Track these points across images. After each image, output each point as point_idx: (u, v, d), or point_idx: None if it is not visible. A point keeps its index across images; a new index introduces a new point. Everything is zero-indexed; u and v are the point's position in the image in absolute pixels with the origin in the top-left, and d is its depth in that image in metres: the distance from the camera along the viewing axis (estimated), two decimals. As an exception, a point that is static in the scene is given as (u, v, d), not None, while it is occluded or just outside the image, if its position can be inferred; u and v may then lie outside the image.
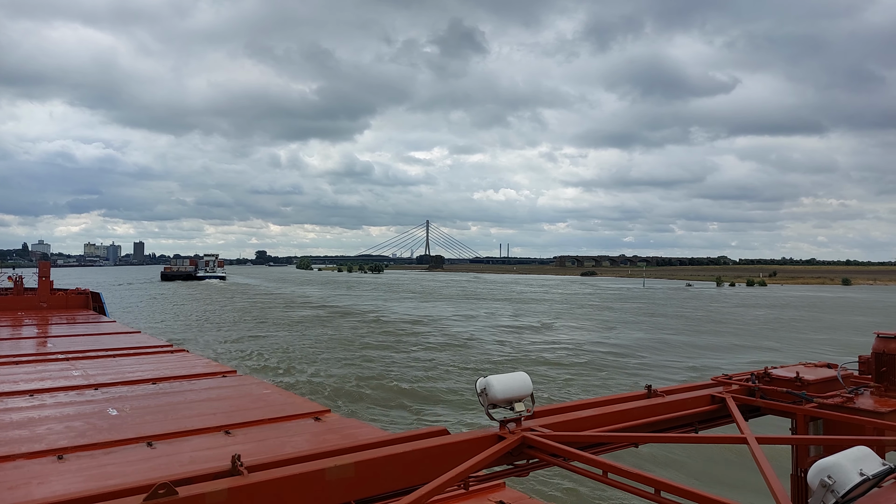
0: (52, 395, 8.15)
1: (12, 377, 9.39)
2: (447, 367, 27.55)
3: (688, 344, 37.21)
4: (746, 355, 31.60)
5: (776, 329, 46.60)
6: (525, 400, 3.46)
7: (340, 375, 25.02)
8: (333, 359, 29.32)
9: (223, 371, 10.06)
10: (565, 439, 3.33)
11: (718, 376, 4.79)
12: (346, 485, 2.88)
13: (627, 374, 26.64)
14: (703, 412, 4.28)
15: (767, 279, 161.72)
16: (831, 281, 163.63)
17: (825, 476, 2.33)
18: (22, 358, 11.31)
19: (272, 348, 32.65)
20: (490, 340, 37.16)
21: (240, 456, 2.83)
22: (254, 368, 26.49)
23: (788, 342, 38.09)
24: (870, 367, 4.46)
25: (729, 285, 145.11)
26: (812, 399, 4.19)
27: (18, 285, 25.97)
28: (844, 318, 56.24)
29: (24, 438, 6.01)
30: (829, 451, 3.02)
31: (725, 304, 76.93)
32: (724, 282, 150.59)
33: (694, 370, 27.30)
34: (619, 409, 3.98)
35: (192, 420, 6.79)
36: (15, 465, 5.25)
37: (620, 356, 31.56)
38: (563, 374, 26.09)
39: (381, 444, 3.20)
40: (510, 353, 32.20)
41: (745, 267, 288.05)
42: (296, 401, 7.96)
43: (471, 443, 3.28)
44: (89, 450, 5.69)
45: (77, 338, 14.74)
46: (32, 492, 4.59)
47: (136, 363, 10.79)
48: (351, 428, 6.54)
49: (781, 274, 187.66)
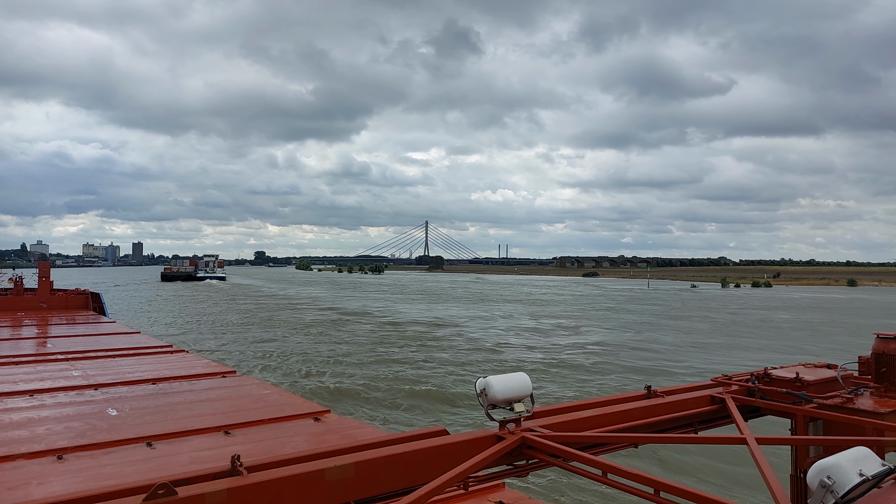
0: (52, 395, 8.15)
1: (12, 377, 9.40)
2: (484, 374, 25.82)
3: (728, 347, 35.80)
4: (800, 358, 29.58)
5: (813, 333, 44.55)
6: (525, 400, 3.47)
7: (372, 383, 23.38)
8: (359, 363, 27.91)
9: (223, 371, 10.07)
10: (565, 440, 3.33)
11: (718, 376, 4.80)
12: (345, 485, 2.88)
13: (683, 380, 25.12)
14: (702, 412, 4.28)
15: (772, 280, 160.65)
16: (836, 282, 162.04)
17: (825, 476, 2.33)
18: (22, 358, 11.31)
19: (291, 353, 31.09)
20: (517, 345, 35.59)
21: (239, 456, 2.83)
22: (282, 373, 25.42)
23: (831, 346, 35.16)
24: (869, 368, 4.46)
25: (734, 286, 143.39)
26: (812, 399, 4.19)
27: (18, 286, 25.99)
28: (875, 322, 53.27)
29: (24, 438, 6.02)
30: (829, 451, 3.02)
31: (744, 307, 74.08)
32: (728, 283, 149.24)
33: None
34: (618, 409, 3.98)
35: (191, 420, 6.79)
36: (15, 465, 5.25)
37: (664, 360, 30.22)
38: (612, 381, 24.64)
39: (380, 445, 3.21)
40: (543, 358, 30.33)
41: (745, 268, 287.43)
42: (295, 401, 7.96)
43: (470, 443, 3.28)
44: (89, 450, 5.69)
45: (77, 338, 14.75)
46: (32, 492, 4.59)
47: (136, 363, 10.79)
48: (351, 428, 6.55)
49: (784, 275, 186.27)
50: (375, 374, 25.20)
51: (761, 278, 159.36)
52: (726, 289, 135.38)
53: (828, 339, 41.76)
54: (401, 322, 48.47)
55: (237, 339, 37.29)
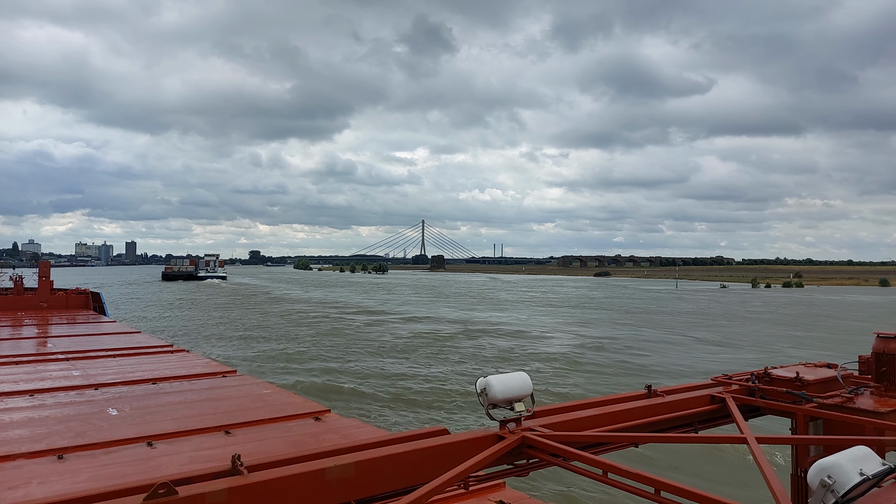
0: (52, 395, 8.16)
1: (12, 377, 9.40)
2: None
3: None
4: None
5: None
6: (525, 400, 3.47)
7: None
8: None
9: (223, 371, 10.07)
10: (565, 439, 3.33)
11: (718, 376, 4.80)
12: (346, 485, 2.88)
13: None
14: (703, 412, 4.28)
15: (799, 280, 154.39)
16: (865, 282, 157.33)
17: (825, 476, 2.33)
18: (22, 358, 11.32)
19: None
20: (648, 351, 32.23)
21: (240, 456, 2.84)
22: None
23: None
24: (870, 367, 4.46)
25: (765, 287, 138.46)
26: (812, 399, 4.19)
27: (18, 285, 26.00)
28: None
29: (24, 438, 6.02)
30: (829, 450, 3.03)
31: (835, 313, 64.83)
32: (759, 283, 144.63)
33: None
34: (619, 409, 3.98)
35: (192, 420, 6.80)
36: (15, 465, 5.26)
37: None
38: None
39: (381, 444, 3.21)
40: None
41: (750, 267, 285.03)
42: (296, 401, 7.96)
43: (471, 443, 3.29)
44: (89, 450, 5.70)
45: (77, 338, 14.75)
46: (33, 491, 4.60)
47: (137, 363, 10.80)
48: (351, 428, 6.55)
49: (807, 275, 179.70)
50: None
51: (788, 278, 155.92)
52: (756, 289, 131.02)
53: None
54: (486, 331, 40.65)
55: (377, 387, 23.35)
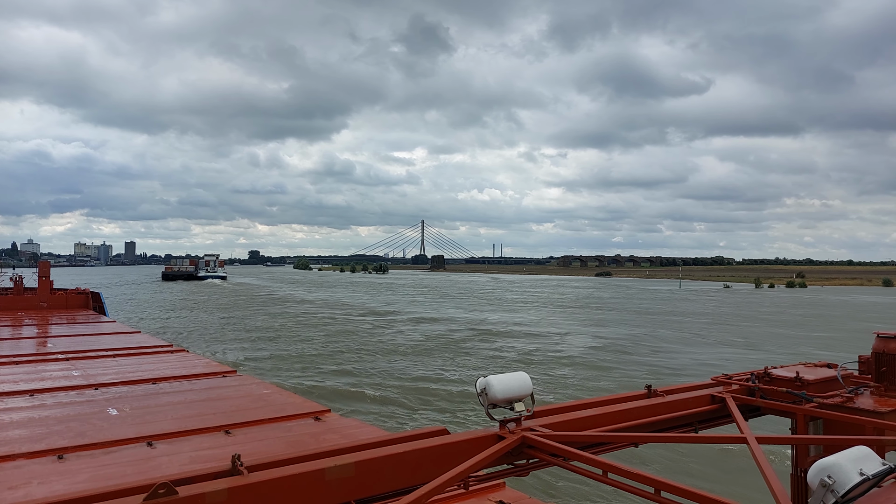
0: (52, 395, 8.16)
1: (12, 377, 9.40)
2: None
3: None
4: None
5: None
6: (525, 400, 3.47)
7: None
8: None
9: (223, 371, 10.07)
10: (565, 439, 3.33)
11: (718, 376, 4.80)
12: (346, 485, 2.88)
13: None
14: (703, 412, 4.28)
15: (800, 280, 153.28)
16: (868, 282, 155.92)
17: (825, 476, 2.33)
18: (22, 358, 11.32)
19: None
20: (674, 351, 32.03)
21: (240, 456, 2.84)
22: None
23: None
24: (870, 367, 4.46)
25: (768, 287, 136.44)
26: (812, 399, 4.19)
27: (19, 285, 26.01)
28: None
29: (24, 438, 6.02)
30: (829, 450, 3.03)
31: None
32: (762, 283, 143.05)
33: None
34: (619, 408, 3.98)
35: (192, 420, 6.80)
36: (15, 465, 5.26)
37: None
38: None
39: (381, 444, 3.21)
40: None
41: (751, 267, 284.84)
42: (296, 400, 7.96)
43: (471, 443, 3.29)
44: (89, 449, 5.70)
45: (77, 338, 14.75)
46: (33, 491, 4.60)
47: (137, 363, 10.80)
48: (351, 428, 6.56)
49: (809, 275, 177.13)
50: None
51: (790, 278, 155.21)
52: (760, 289, 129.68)
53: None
54: (512, 333, 39.37)
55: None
